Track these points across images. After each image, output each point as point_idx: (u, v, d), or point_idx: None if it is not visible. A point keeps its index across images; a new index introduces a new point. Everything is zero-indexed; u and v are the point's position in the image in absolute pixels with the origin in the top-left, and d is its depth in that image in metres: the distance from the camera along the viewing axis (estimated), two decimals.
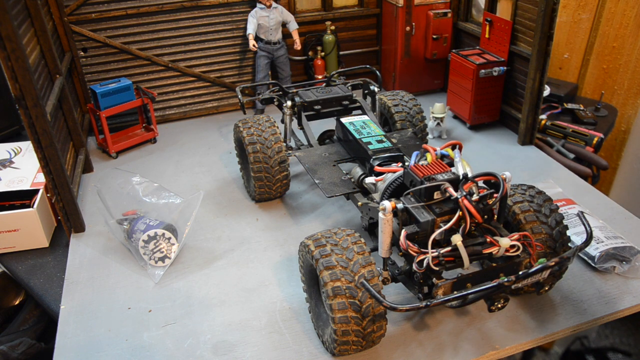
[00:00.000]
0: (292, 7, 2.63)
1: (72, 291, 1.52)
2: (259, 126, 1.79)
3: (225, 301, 1.47)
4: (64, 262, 1.65)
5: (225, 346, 1.32)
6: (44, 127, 1.52)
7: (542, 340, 1.34)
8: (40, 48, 1.83)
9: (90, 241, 1.73)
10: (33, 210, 1.67)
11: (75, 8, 2.28)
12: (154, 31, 2.45)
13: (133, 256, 1.63)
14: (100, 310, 1.45)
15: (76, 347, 1.33)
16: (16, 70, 1.41)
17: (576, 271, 1.53)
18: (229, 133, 2.50)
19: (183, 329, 1.38)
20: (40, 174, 1.86)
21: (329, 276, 1.16)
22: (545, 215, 1.34)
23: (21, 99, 1.46)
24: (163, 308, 1.45)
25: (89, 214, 1.85)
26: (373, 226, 1.50)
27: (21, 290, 1.96)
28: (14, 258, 1.71)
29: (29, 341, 1.70)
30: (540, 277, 1.14)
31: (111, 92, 2.18)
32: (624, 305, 1.41)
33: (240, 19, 2.55)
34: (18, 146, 2.11)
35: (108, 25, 2.37)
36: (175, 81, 2.60)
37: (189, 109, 2.67)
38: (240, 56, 2.65)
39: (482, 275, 1.15)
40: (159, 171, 2.17)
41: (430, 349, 1.30)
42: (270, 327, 1.38)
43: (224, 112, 2.74)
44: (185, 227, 1.64)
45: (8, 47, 1.37)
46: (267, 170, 1.75)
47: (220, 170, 2.17)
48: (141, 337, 1.36)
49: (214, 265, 1.62)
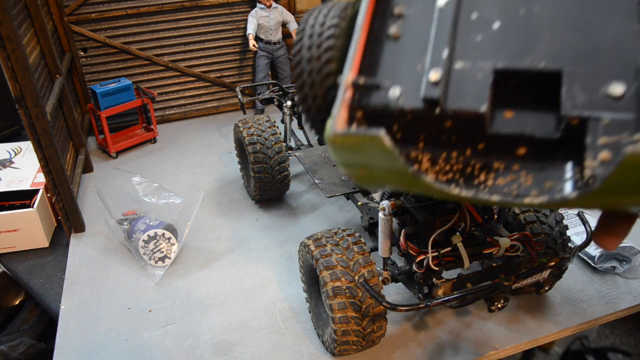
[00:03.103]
0: (292, 7, 2.63)
1: (72, 291, 1.52)
2: (259, 126, 1.79)
3: (225, 301, 1.47)
4: (64, 262, 1.65)
5: (225, 346, 1.32)
6: (44, 127, 1.52)
7: (542, 340, 1.34)
8: (40, 48, 1.83)
9: (90, 241, 1.73)
10: (33, 210, 1.67)
11: (75, 8, 2.28)
12: (154, 31, 2.45)
13: (133, 256, 1.63)
14: (100, 310, 1.45)
15: (76, 347, 1.33)
16: (16, 70, 1.41)
17: (576, 271, 1.53)
18: (229, 133, 2.50)
19: (183, 329, 1.38)
20: (40, 174, 1.86)
21: (329, 276, 1.16)
22: (545, 215, 1.34)
23: (21, 99, 1.46)
24: (163, 308, 1.45)
25: (89, 214, 1.85)
26: (373, 226, 1.50)
27: (21, 290, 1.96)
28: (14, 258, 1.71)
29: (29, 341, 1.70)
30: (540, 277, 1.14)
31: (111, 92, 2.18)
32: (624, 305, 1.41)
33: (240, 19, 2.55)
34: (18, 146, 2.11)
35: (108, 25, 2.37)
36: (175, 81, 2.60)
37: (189, 109, 2.68)
38: (240, 56, 2.65)
39: (482, 275, 1.15)
40: (159, 171, 2.17)
41: (430, 349, 1.31)
42: (270, 327, 1.38)
43: (224, 112, 2.74)
44: (185, 227, 1.64)
45: (8, 47, 1.37)
46: (267, 170, 1.75)
47: (220, 170, 2.17)
48: (141, 337, 1.36)
49: (214, 265, 1.62)
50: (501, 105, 0.50)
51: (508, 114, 0.50)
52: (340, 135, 0.48)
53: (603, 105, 0.45)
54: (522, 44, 0.50)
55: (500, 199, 0.48)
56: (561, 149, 0.49)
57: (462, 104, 0.49)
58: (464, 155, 0.52)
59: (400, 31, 0.55)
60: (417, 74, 0.51)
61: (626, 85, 0.45)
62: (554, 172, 0.49)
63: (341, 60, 0.59)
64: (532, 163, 0.50)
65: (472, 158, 0.51)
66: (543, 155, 0.50)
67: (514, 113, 0.50)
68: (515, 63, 0.49)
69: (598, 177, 0.43)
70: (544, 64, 0.48)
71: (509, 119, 0.50)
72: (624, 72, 0.46)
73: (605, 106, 0.45)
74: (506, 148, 0.50)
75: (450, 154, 0.51)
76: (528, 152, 0.50)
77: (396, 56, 0.53)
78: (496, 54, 0.50)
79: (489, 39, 0.51)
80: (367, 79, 0.51)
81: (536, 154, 0.50)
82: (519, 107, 0.50)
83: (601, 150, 0.44)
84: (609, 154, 0.43)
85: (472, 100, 0.49)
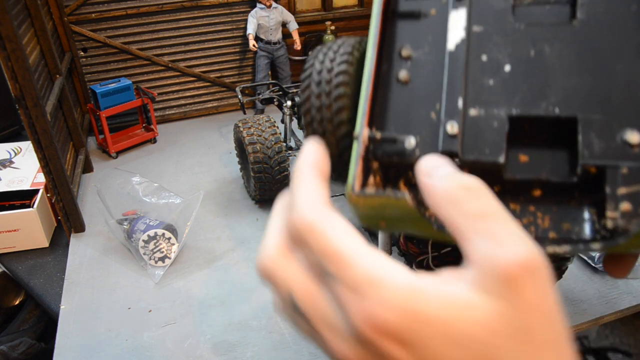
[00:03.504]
0: (292, 7, 2.63)
1: (72, 291, 1.52)
2: (259, 126, 1.79)
3: (225, 301, 1.47)
4: (64, 262, 1.65)
5: (225, 346, 1.32)
6: (44, 127, 1.52)
7: None
8: (40, 48, 1.83)
9: (90, 241, 1.73)
10: (33, 210, 1.67)
11: (75, 8, 2.28)
12: (154, 31, 2.45)
13: (133, 256, 1.63)
14: (100, 310, 1.45)
15: (76, 347, 1.33)
16: (16, 70, 1.41)
17: (576, 271, 1.53)
18: (229, 133, 2.50)
19: (183, 329, 1.38)
20: (40, 174, 1.86)
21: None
22: None
23: (21, 99, 1.46)
24: (163, 308, 1.45)
25: (89, 214, 1.85)
26: None
27: (21, 290, 1.96)
28: (14, 258, 1.71)
29: (29, 341, 1.70)
30: None
31: (111, 92, 2.18)
32: (624, 305, 1.41)
33: (240, 19, 2.55)
34: (18, 146, 2.11)
35: (108, 25, 2.37)
36: (175, 81, 2.60)
37: (189, 109, 2.68)
38: (240, 56, 2.65)
39: None
40: (159, 171, 2.17)
41: None
42: (270, 327, 1.38)
43: (224, 112, 2.74)
44: (185, 227, 1.64)
45: (8, 47, 1.37)
46: (267, 170, 1.75)
47: (220, 170, 2.17)
48: (141, 337, 1.36)
49: (214, 265, 1.62)
50: (516, 148, 0.50)
51: (523, 157, 0.50)
52: (362, 196, 0.48)
53: (620, 153, 0.45)
54: (535, 88, 0.50)
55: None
56: (577, 190, 0.49)
57: (480, 154, 0.50)
58: None
59: (410, 75, 0.55)
60: (431, 121, 0.52)
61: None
62: (570, 214, 0.49)
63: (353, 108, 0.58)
64: (547, 205, 0.50)
65: None
66: (558, 197, 0.50)
67: (529, 157, 0.50)
68: (530, 110, 0.49)
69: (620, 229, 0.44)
70: (558, 111, 0.49)
71: (524, 163, 0.50)
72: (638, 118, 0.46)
73: (622, 155, 0.45)
74: (521, 190, 0.51)
75: None
76: (543, 194, 0.50)
77: (407, 102, 0.54)
78: (510, 100, 0.50)
79: (501, 82, 0.51)
80: (382, 133, 0.51)
81: (552, 196, 0.50)
82: (533, 150, 0.50)
83: (621, 202, 0.44)
84: (630, 206, 0.44)
85: (489, 150, 0.49)
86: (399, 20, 0.58)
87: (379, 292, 0.38)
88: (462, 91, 0.52)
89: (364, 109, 0.52)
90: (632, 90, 0.47)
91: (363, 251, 0.40)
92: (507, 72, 0.51)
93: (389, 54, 0.57)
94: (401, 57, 0.56)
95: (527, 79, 0.51)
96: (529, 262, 0.36)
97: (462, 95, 0.51)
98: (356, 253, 0.40)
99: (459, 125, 0.50)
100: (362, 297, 0.38)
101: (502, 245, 0.37)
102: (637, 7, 0.49)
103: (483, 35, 0.54)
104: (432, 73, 0.54)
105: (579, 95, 0.49)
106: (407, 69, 0.55)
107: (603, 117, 0.47)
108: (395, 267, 0.39)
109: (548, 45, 0.51)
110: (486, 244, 0.38)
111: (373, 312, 0.37)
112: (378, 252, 0.41)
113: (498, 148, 0.49)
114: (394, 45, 0.57)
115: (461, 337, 0.36)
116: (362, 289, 0.38)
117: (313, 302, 0.43)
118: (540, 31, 0.52)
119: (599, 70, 0.49)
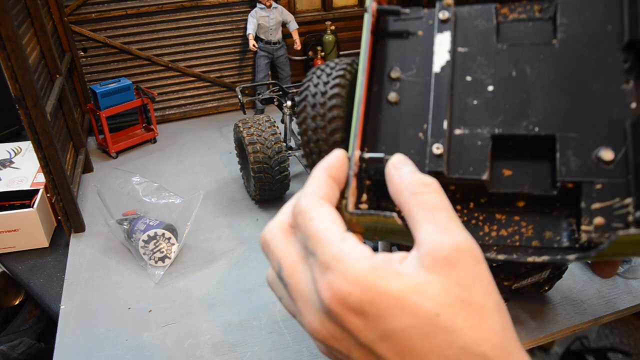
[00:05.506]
0: (292, 7, 2.64)
1: (72, 291, 1.52)
2: (259, 126, 1.79)
3: (225, 301, 1.47)
4: (64, 262, 1.65)
5: (225, 346, 1.32)
6: (44, 127, 1.52)
7: (542, 340, 1.34)
8: (40, 48, 1.83)
9: (90, 241, 1.73)
10: (33, 210, 1.67)
11: (75, 8, 2.28)
12: (154, 31, 2.45)
13: (133, 256, 1.63)
14: (100, 310, 1.45)
15: (76, 347, 1.33)
16: (16, 70, 1.41)
17: (576, 271, 1.54)
18: (229, 133, 2.50)
19: (183, 329, 1.38)
20: (40, 174, 1.86)
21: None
22: None
23: (21, 99, 1.46)
24: (163, 308, 1.45)
25: (89, 214, 1.85)
26: None
27: (21, 290, 1.96)
28: (14, 258, 1.71)
29: (29, 341, 1.70)
30: (540, 277, 1.14)
31: (111, 92, 2.18)
32: (624, 305, 1.41)
33: (240, 19, 2.55)
34: (18, 146, 2.11)
35: (108, 25, 2.37)
36: (175, 81, 2.60)
37: (189, 109, 2.68)
38: (240, 56, 2.65)
39: None
40: (159, 171, 2.17)
41: None
42: (270, 327, 1.38)
43: (224, 112, 2.74)
44: (185, 227, 1.64)
45: (8, 47, 1.37)
46: (267, 170, 1.75)
47: (220, 170, 2.17)
48: (141, 337, 1.36)
49: (214, 265, 1.62)
50: (499, 163, 0.55)
51: (507, 172, 0.55)
52: (356, 215, 0.53)
53: (595, 170, 0.49)
54: (516, 107, 0.54)
55: (505, 257, 0.52)
56: (558, 201, 0.53)
57: (464, 172, 0.54)
58: (468, 208, 0.57)
59: (399, 96, 0.59)
60: (419, 141, 0.56)
61: (615, 149, 0.48)
62: (551, 223, 0.53)
63: (346, 129, 0.64)
64: (531, 215, 0.54)
65: (475, 211, 0.56)
66: (541, 207, 0.54)
67: (512, 171, 0.54)
68: (512, 129, 0.53)
69: (594, 243, 0.48)
70: (538, 130, 0.52)
71: (508, 177, 0.54)
72: (612, 136, 0.49)
73: (597, 172, 0.49)
74: (506, 201, 0.55)
75: (455, 208, 0.56)
76: (526, 205, 0.54)
77: (397, 122, 0.58)
78: (493, 119, 0.54)
79: (485, 102, 0.55)
80: (372, 153, 0.56)
81: (534, 206, 0.54)
82: (517, 165, 0.54)
83: (595, 216, 0.48)
84: (603, 220, 0.47)
85: (473, 168, 0.54)
86: (388, 40, 0.61)
87: (342, 268, 0.44)
88: (448, 112, 0.55)
89: (355, 131, 0.55)
90: (607, 109, 0.50)
91: (337, 234, 0.47)
92: (490, 92, 0.55)
93: (379, 76, 0.60)
94: (390, 78, 0.59)
95: (509, 98, 0.54)
96: (466, 248, 0.44)
97: (447, 117, 0.55)
98: (331, 234, 0.47)
99: (444, 145, 0.54)
100: (329, 271, 0.45)
101: (446, 233, 0.45)
102: (612, 27, 0.51)
103: (467, 56, 0.57)
104: (419, 94, 0.58)
105: (557, 114, 0.52)
106: (396, 90, 0.59)
107: (579, 136, 0.50)
108: (360, 248, 0.46)
109: (529, 65, 0.54)
110: (433, 231, 0.45)
111: (337, 286, 0.44)
112: (351, 236, 0.48)
113: (482, 166, 0.53)
114: (384, 66, 0.60)
115: (413, 308, 0.42)
116: (329, 263, 0.45)
117: (295, 275, 0.50)
118: (521, 51, 0.55)
119: (577, 90, 0.51)
